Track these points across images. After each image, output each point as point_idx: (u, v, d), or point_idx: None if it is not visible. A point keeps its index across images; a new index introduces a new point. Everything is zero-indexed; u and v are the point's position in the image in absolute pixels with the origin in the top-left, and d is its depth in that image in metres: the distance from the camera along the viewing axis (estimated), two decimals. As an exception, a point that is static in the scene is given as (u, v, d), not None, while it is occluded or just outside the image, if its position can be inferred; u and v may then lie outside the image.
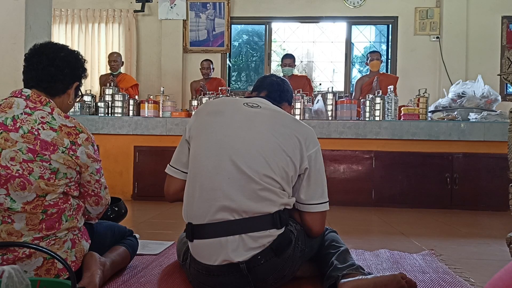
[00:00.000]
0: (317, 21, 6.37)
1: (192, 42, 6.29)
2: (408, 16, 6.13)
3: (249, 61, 7.15)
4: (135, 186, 4.25)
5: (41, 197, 1.38)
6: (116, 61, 5.30)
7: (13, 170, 1.34)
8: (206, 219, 1.39)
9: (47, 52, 1.48)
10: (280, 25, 6.52)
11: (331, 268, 1.54)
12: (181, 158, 1.55)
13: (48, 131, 1.39)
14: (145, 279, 1.69)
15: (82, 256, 1.51)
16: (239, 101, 1.57)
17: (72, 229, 1.48)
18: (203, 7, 6.27)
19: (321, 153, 1.54)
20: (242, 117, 1.48)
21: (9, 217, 1.36)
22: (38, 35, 2.93)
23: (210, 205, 1.38)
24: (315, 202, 1.50)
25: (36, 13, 2.95)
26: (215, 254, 1.37)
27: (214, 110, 1.53)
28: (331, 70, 6.60)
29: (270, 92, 1.72)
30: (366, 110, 4.26)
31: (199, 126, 1.50)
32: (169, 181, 1.59)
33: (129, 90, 5.22)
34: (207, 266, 1.40)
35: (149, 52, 6.41)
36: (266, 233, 1.37)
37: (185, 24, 6.27)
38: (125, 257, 1.76)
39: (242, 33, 7.03)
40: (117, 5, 6.45)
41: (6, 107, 1.41)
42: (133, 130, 4.22)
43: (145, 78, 6.39)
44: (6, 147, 1.35)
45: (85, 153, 1.45)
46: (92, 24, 6.42)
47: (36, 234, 1.39)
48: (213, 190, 1.38)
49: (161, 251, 2.13)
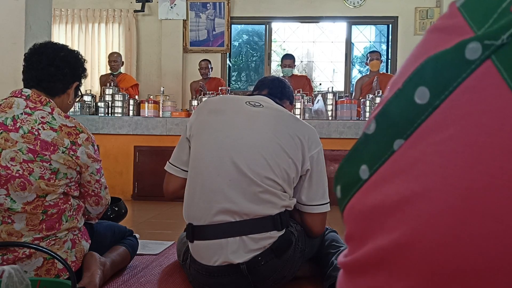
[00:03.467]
0: (317, 21, 6.37)
1: (192, 42, 6.29)
2: (408, 16, 6.13)
3: (249, 61, 7.15)
4: (135, 186, 4.25)
5: (41, 197, 1.38)
6: (116, 61, 5.30)
7: (13, 171, 1.34)
8: (206, 221, 1.38)
9: (47, 52, 1.48)
10: (280, 25, 6.52)
11: (331, 268, 1.54)
12: (181, 156, 1.54)
13: (48, 131, 1.39)
14: (145, 279, 1.69)
15: (82, 256, 1.51)
16: (240, 99, 1.55)
17: (72, 229, 1.48)
18: (203, 7, 6.27)
19: (323, 153, 1.53)
20: (244, 116, 1.47)
21: (9, 218, 1.36)
22: (38, 35, 2.93)
23: (211, 206, 1.37)
24: (316, 203, 1.50)
25: (36, 13, 2.95)
26: (215, 255, 1.37)
27: (215, 108, 1.51)
28: (331, 70, 6.60)
29: (271, 89, 1.70)
30: (366, 110, 4.26)
31: (200, 124, 1.49)
32: (169, 179, 1.58)
33: (129, 90, 5.22)
34: (207, 267, 1.39)
35: (149, 52, 6.41)
36: (267, 235, 1.37)
37: (185, 24, 6.27)
38: (125, 257, 1.76)
39: (242, 33, 7.03)
40: (117, 5, 6.45)
41: (6, 107, 1.40)
42: (133, 130, 4.22)
43: (145, 78, 6.39)
44: (6, 147, 1.35)
45: (85, 153, 1.45)
46: (92, 24, 6.42)
47: (36, 234, 1.39)
48: (214, 191, 1.37)
49: (161, 251, 2.13)
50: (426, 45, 0.35)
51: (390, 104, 0.34)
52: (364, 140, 0.36)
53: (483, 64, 0.30)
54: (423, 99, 0.32)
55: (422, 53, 0.34)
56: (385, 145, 0.34)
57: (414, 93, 0.32)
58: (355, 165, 0.36)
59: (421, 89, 0.32)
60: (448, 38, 0.32)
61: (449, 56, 0.31)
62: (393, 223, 0.32)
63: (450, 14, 0.35)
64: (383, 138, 0.34)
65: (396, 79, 0.35)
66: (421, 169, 0.31)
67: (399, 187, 0.32)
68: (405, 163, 0.32)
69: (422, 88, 0.32)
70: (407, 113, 0.33)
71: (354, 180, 0.36)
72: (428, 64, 0.32)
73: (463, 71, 0.30)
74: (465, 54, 0.30)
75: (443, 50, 0.32)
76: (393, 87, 0.35)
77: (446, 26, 0.34)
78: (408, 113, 0.32)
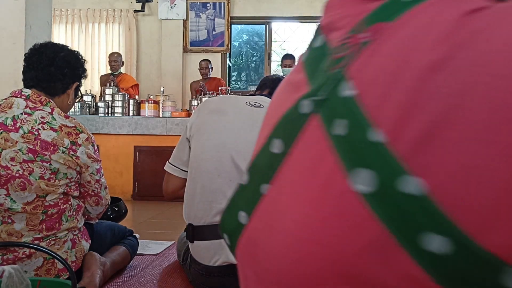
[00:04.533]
0: (317, 21, 6.36)
1: (192, 42, 6.29)
2: (408, 16, 6.13)
3: (249, 61, 7.15)
4: (135, 186, 4.24)
5: (41, 197, 1.38)
6: (116, 61, 5.30)
7: (13, 171, 1.34)
8: (206, 221, 1.38)
9: (47, 52, 1.48)
10: (280, 25, 6.52)
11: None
12: (181, 156, 1.54)
13: (48, 131, 1.39)
14: (145, 279, 1.69)
15: (82, 256, 1.51)
16: (241, 100, 1.55)
17: (72, 229, 1.48)
18: (203, 7, 6.27)
19: None
20: (244, 117, 1.47)
21: (9, 218, 1.36)
22: (38, 35, 2.93)
23: (211, 207, 1.37)
24: None
25: (36, 13, 2.95)
26: (216, 255, 1.37)
27: (216, 108, 1.51)
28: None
29: (272, 89, 1.69)
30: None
31: (201, 125, 1.49)
32: (168, 179, 1.58)
33: (129, 90, 5.22)
34: (207, 267, 1.39)
35: (149, 52, 6.41)
36: None
37: (185, 24, 6.27)
38: (125, 257, 1.76)
39: (242, 33, 7.03)
40: (117, 5, 6.45)
41: (6, 107, 1.40)
42: (133, 130, 4.22)
43: (145, 78, 6.39)
44: (6, 147, 1.35)
45: (85, 153, 1.45)
46: (92, 24, 6.41)
47: (36, 234, 1.39)
48: (214, 192, 1.37)
49: (161, 251, 2.13)
50: (281, 97, 0.43)
51: (258, 157, 0.42)
52: (240, 190, 0.43)
53: (312, 116, 0.36)
54: (279, 149, 0.39)
55: (279, 106, 0.41)
56: (255, 190, 0.40)
57: (273, 145, 0.40)
58: (235, 213, 0.43)
59: (277, 141, 0.39)
60: (296, 92, 0.40)
61: (292, 112, 0.39)
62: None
63: (298, 68, 0.43)
64: (254, 186, 0.40)
65: (260, 134, 0.43)
66: (277, 209, 0.37)
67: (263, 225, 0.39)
68: (271, 203, 0.38)
69: (277, 140, 0.39)
70: (268, 162, 0.39)
71: (235, 226, 0.43)
72: (281, 121, 0.40)
73: (301, 124, 0.37)
74: (300, 109, 0.38)
75: (290, 107, 0.39)
76: (259, 141, 0.43)
77: (295, 81, 0.42)
78: (269, 161, 0.39)
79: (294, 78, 0.42)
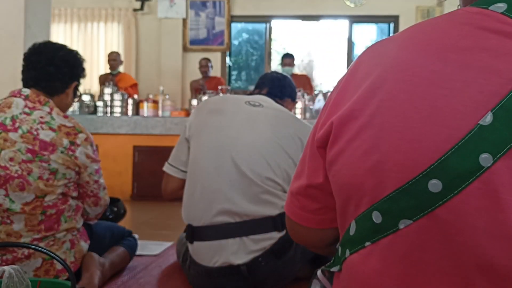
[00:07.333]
0: (317, 19, 6.36)
1: (192, 41, 6.28)
2: (409, 15, 6.12)
3: (249, 59, 7.14)
4: (134, 186, 4.23)
5: (40, 197, 1.38)
6: (115, 60, 5.30)
7: (12, 171, 1.34)
8: (206, 221, 1.38)
9: (46, 52, 1.48)
10: (280, 24, 6.51)
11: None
12: (180, 157, 1.54)
13: (47, 131, 1.38)
14: (144, 280, 1.68)
15: (81, 257, 1.51)
16: (240, 99, 1.55)
17: (71, 230, 1.48)
18: (203, 6, 6.26)
19: None
20: (244, 116, 1.46)
21: (8, 218, 1.36)
22: (37, 35, 2.92)
23: (211, 207, 1.37)
24: None
25: (35, 13, 2.94)
26: (216, 256, 1.36)
27: (215, 108, 1.51)
28: (332, 69, 6.60)
29: (271, 89, 1.69)
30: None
31: (200, 124, 1.48)
32: (167, 179, 1.57)
33: (128, 89, 5.21)
34: (207, 268, 1.39)
35: (148, 51, 6.40)
36: (268, 236, 1.37)
37: (185, 22, 6.26)
38: (124, 257, 1.75)
39: (242, 31, 7.02)
40: (116, 3, 6.44)
41: (5, 107, 1.40)
42: (132, 130, 4.21)
43: (145, 77, 6.38)
44: (5, 147, 1.34)
45: (84, 153, 1.44)
46: (91, 23, 6.40)
47: (35, 235, 1.39)
48: (214, 192, 1.37)
49: (161, 252, 2.12)
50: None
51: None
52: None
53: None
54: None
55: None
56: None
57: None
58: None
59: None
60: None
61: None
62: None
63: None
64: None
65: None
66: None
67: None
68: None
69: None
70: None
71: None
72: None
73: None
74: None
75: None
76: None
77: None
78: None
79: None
